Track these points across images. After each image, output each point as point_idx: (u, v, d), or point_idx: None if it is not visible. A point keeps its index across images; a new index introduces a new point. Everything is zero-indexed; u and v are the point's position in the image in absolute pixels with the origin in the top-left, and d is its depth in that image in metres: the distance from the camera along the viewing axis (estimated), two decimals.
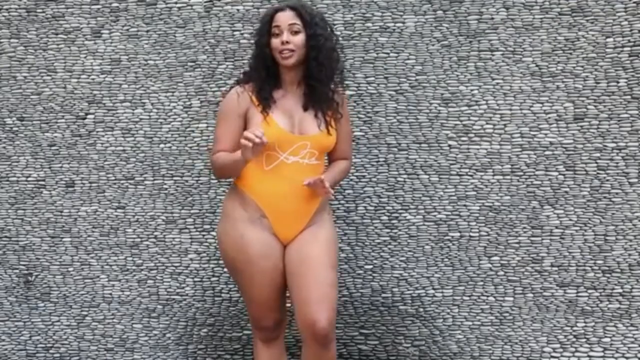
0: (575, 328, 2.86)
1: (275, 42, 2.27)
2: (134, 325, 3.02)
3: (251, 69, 2.37)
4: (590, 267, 2.84)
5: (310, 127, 2.30)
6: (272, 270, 2.30)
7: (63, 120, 2.98)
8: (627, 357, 2.84)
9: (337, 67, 2.33)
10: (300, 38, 2.26)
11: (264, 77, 2.31)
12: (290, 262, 2.30)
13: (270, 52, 2.28)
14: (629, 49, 2.77)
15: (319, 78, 2.29)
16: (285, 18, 2.26)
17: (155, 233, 2.98)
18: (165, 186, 2.96)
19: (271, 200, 2.29)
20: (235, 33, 2.90)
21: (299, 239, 2.32)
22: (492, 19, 2.82)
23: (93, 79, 2.96)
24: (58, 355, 3.05)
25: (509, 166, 2.85)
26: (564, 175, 2.83)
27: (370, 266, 2.93)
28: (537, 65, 2.81)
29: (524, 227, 2.86)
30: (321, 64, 2.27)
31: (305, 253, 2.28)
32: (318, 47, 2.26)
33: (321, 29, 2.28)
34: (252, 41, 2.41)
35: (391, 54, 2.86)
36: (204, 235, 2.97)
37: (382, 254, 2.92)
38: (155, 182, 2.96)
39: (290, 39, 2.25)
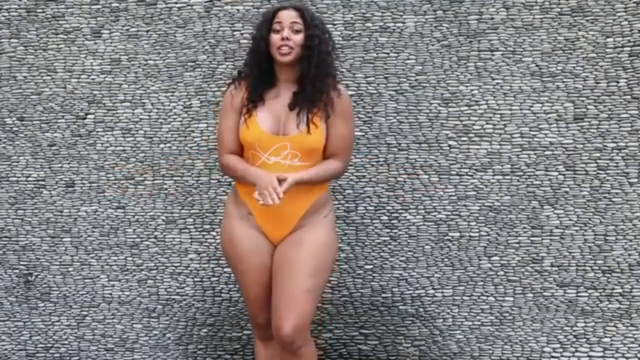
0: (575, 328, 2.86)
1: (275, 37, 2.25)
2: (134, 325, 3.02)
3: (246, 66, 2.36)
4: (590, 267, 2.84)
5: (291, 128, 2.27)
6: (260, 267, 2.31)
7: (63, 120, 2.98)
8: (627, 357, 2.84)
9: (328, 70, 2.29)
10: (300, 37, 2.25)
11: (256, 75, 2.30)
12: (274, 263, 2.30)
13: (267, 47, 2.27)
14: (629, 49, 2.77)
15: (309, 79, 2.26)
16: (288, 16, 2.26)
17: (155, 233, 2.98)
18: (165, 186, 2.96)
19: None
20: (235, 33, 2.90)
21: (287, 241, 2.30)
22: (492, 19, 2.82)
23: (93, 79, 2.96)
24: (58, 355, 3.05)
25: (509, 166, 2.85)
26: (564, 175, 2.83)
27: (370, 266, 2.93)
28: (537, 65, 2.81)
29: (524, 227, 2.85)
30: (311, 66, 2.25)
31: (287, 256, 2.27)
32: (312, 48, 2.25)
33: (319, 31, 2.28)
34: (251, 36, 2.39)
35: (391, 54, 2.86)
36: (204, 235, 2.97)
37: (382, 254, 2.92)
38: (155, 182, 2.96)
39: (290, 36, 2.24)
